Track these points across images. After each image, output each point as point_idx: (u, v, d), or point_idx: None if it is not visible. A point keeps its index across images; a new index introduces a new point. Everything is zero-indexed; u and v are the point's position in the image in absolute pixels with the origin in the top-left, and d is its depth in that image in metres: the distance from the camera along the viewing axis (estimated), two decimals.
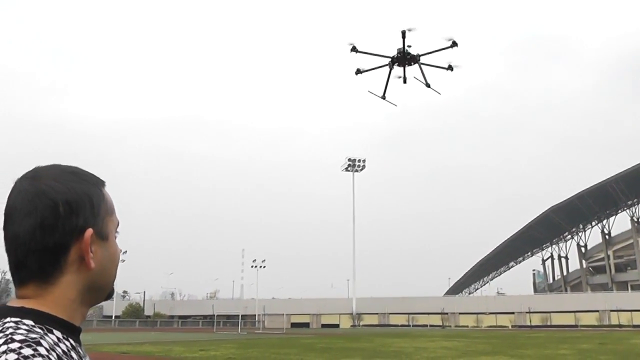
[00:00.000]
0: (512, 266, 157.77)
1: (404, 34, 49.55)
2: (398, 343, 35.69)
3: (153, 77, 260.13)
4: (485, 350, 28.58)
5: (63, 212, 0.98)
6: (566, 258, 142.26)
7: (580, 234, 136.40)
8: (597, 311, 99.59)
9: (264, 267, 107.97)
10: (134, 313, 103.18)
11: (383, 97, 57.37)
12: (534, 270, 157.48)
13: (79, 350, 0.99)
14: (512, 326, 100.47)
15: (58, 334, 0.95)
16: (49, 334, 0.93)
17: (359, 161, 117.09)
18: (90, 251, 1.00)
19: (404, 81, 51.52)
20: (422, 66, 51.45)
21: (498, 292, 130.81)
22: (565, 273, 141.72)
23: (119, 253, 1.11)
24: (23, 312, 0.95)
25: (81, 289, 1.02)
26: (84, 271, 1.01)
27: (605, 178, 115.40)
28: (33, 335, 0.90)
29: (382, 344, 34.12)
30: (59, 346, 0.93)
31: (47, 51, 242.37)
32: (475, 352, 26.49)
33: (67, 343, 0.96)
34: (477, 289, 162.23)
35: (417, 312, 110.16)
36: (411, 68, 51.19)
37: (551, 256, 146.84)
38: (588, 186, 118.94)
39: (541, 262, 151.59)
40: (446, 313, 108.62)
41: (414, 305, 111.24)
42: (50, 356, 0.88)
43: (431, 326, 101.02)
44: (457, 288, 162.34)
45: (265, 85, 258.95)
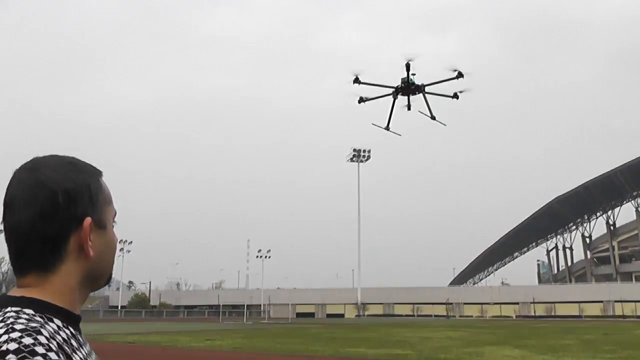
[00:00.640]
0: (517, 257, 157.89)
1: (408, 66, 49.81)
2: (403, 333, 35.92)
3: (154, 64, 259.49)
4: (489, 340, 28.76)
5: (62, 202, 1.00)
6: (571, 249, 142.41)
7: (585, 225, 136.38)
8: (601, 302, 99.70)
9: (269, 257, 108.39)
10: (140, 303, 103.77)
11: (387, 128, 57.68)
12: (539, 260, 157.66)
13: (79, 338, 1.01)
14: (517, 316, 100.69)
15: (58, 323, 0.97)
16: (49, 323, 0.95)
17: (364, 151, 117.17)
18: (89, 240, 1.03)
19: (408, 108, 51.73)
20: (428, 95, 51.82)
21: (502, 283, 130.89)
22: (569, 264, 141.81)
23: (117, 242, 1.13)
24: (23, 302, 0.97)
25: (81, 277, 1.04)
26: (83, 260, 1.03)
27: (611, 168, 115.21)
28: (33, 324, 0.92)
29: (387, 334, 34.35)
30: (59, 334, 0.94)
31: (47, 39, 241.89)
32: (479, 342, 26.66)
33: (67, 331, 0.98)
34: (482, 280, 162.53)
35: (422, 302, 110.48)
36: (416, 97, 51.57)
37: (556, 247, 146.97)
38: (594, 177, 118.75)
39: (546, 253, 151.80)
40: (451, 303, 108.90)
41: (419, 295, 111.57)
42: (50, 345, 0.90)
43: (436, 316, 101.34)
44: (462, 278, 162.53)
45: (266, 72, 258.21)
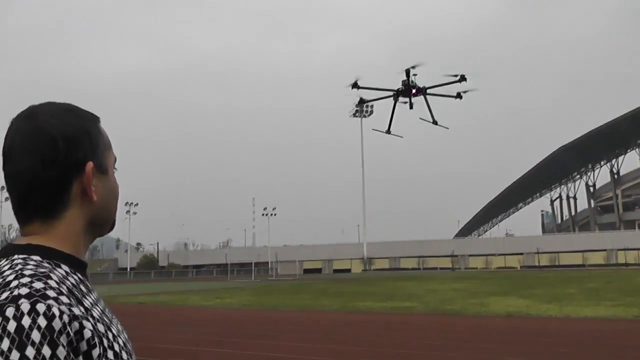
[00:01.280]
0: (521, 207, 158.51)
1: (408, 72, 49.09)
2: (409, 286, 36.43)
3: (152, 26, 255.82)
4: (494, 291, 29.18)
5: (62, 148, 0.99)
6: (574, 198, 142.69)
7: (589, 174, 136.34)
8: (605, 250, 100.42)
9: (275, 215, 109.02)
10: (149, 264, 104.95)
11: (388, 132, 57.08)
12: (543, 211, 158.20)
13: (87, 284, 1.01)
14: (521, 267, 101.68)
15: (66, 269, 0.97)
16: (57, 269, 0.95)
17: (367, 106, 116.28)
18: (92, 185, 1.02)
19: (410, 107, 51.17)
20: (430, 98, 51.32)
21: (507, 234, 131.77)
22: (573, 213, 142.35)
23: (118, 188, 1.12)
24: (30, 249, 0.97)
25: (85, 223, 1.04)
26: (87, 205, 1.03)
27: (615, 117, 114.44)
28: (42, 269, 0.92)
29: (394, 288, 34.86)
30: (68, 280, 0.95)
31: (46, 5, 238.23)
32: (484, 293, 27.07)
33: (75, 277, 0.98)
34: (487, 231, 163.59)
35: (427, 256, 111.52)
36: (417, 101, 51.09)
37: (560, 197, 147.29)
38: (598, 125, 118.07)
39: (550, 203, 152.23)
40: (456, 255, 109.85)
41: (424, 248, 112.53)
42: (61, 289, 0.90)
43: (441, 269, 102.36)
44: (467, 230, 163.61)
45: (266, 32, 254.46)
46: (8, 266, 0.92)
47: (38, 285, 0.87)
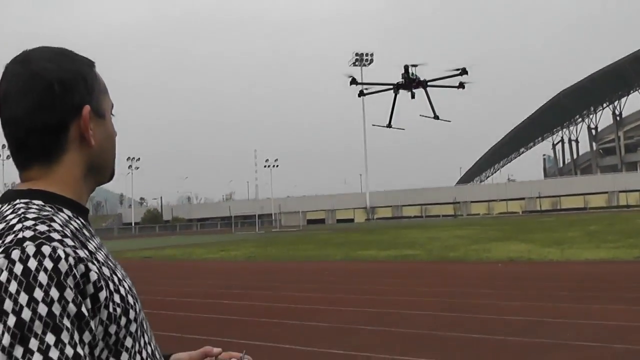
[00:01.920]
0: (523, 152, 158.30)
1: (407, 68, 48.50)
2: (412, 234, 36.76)
3: None
4: (496, 236, 29.44)
5: (58, 91, 0.98)
6: (576, 141, 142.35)
7: (591, 117, 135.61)
8: (606, 193, 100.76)
9: (277, 167, 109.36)
10: (153, 219, 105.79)
11: (389, 126, 56.53)
12: (545, 155, 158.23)
13: (90, 229, 1.01)
14: (523, 212, 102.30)
15: (68, 213, 0.97)
16: (60, 213, 0.95)
17: (367, 55, 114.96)
18: (89, 128, 1.01)
19: (412, 96, 50.98)
20: (432, 91, 51.27)
21: (509, 179, 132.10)
22: (575, 157, 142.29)
23: (116, 135, 1.12)
24: (31, 193, 0.97)
25: (84, 168, 1.04)
26: (86, 149, 1.02)
27: (618, 58, 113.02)
28: (45, 212, 0.92)
29: (397, 236, 35.18)
30: (71, 224, 0.95)
31: None
32: (486, 239, 27.32)
33: (78, 221, 0.98)
34: (488, 177, 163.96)
35: (430, 203, 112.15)
36: (418, 93, 50.85)
37: (561, 140, 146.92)
38: (601, 67, 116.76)
39: (551, 147, 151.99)
40: (458, 202, 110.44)
41: (426, 196, 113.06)
42: (65, 231, 0.90)
43: (444, 216, 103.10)
44: (469, 177, 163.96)
45: None
46: (10, 210, 0.93)
47: (42, 227, 0.88)
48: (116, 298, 0.92)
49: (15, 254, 0.83)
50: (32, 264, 0.82)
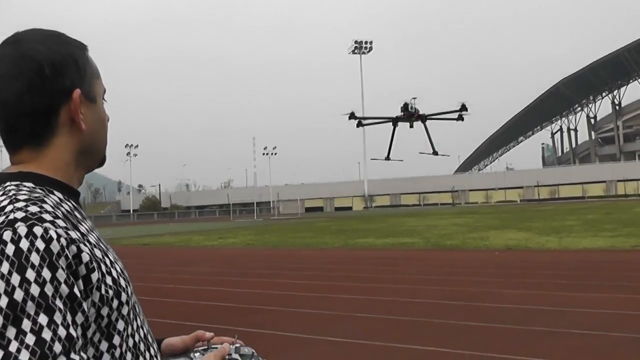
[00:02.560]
0: (522, 141, 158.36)
1: (406, 106, 49.19)
2: (410, 222, 36.80)
3: None
4: (494, 225, 29.48)
5: (49, 74, 0.97)
6: (575, 130, 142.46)
7: (590, 106, 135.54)
8: (604, 182, 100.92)
9: (276, 154, 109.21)
10: (152, 206, 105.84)
11: (387, 158, 56.95)
12: (543, 144, 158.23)
13: (81, 211, 1.01)
14: (521, 200, 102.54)
15: (59, 195, 0.97)
16: (51, 195, 0.95)
17: (366, 43, 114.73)
18: (79, 112, 1.00)
19: (411, 126, 51.83)
20: (431, 125, 52.41)
21: (507, 168, 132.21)
22: (574, 145, 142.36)
23: (108, 120, 1.11)
24: (22, 176, 0.96)
25: (75, 152, 1.03)
26: (76, 133, 1.02)
27: (618, 47, 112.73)
28: (36, 194, 0.91)
29: (395, 224, 35.22)
30: (62, 206, 0.94)
31: None
32: (484, 227, 27.36)
33: (69, 203, 0.98)
34: (487, 166, 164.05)
35: (428, 192, 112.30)
36: (417, 128, 51.73)
37: (560, 129, 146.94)
38: (600, 56, 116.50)
39: (550, 136, 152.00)
40: (456, 191, 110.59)
41: (425, 184, 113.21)
42: (56, 212, 0.89)
43: (442, 204, 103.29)
44: (467, 165, 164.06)
45: None
46: (1, 192, 0.92)
47: (33, 209, 0.87)
48: (108, 280, 0.92)
49: (6, 235, 0.82)
50: (24, 245, 0.82)
